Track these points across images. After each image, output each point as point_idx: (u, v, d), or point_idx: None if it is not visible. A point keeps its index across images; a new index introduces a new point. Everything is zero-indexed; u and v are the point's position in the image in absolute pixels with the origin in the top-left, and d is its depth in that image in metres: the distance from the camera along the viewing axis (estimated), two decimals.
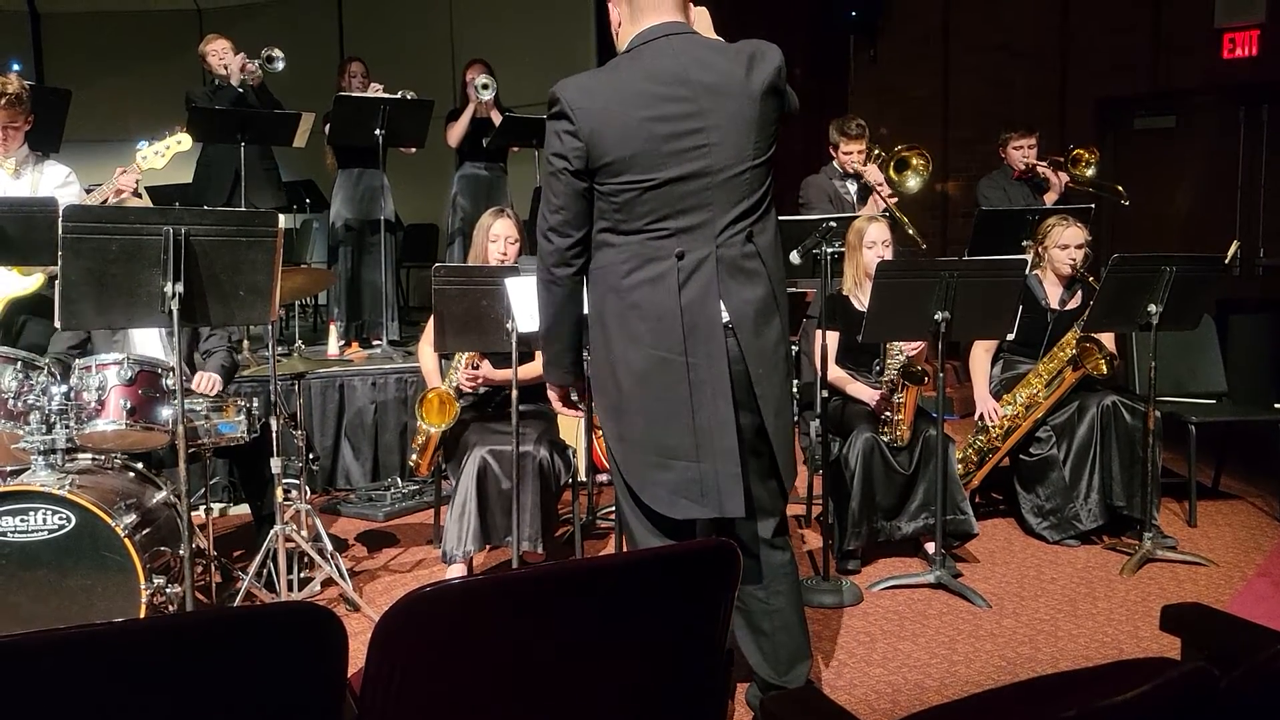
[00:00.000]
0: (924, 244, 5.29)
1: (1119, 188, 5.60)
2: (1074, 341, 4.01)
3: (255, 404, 3.44)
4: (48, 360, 3.29)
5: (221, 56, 5.70)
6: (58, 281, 2.68)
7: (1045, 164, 5.58)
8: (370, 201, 5.97)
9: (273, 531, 3.37)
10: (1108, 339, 4.09)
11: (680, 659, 1.46)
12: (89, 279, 2.66)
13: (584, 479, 4.45)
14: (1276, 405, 4.78)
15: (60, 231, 2.61)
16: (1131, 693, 1.03)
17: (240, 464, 3.89)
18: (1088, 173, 5.56)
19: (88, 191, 4.08)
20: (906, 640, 3.20)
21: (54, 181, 3.97)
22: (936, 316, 3.47)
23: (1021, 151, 5.57)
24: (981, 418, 4.23)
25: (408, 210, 8.14)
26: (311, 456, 4.50)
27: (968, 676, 2.96)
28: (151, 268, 2.69)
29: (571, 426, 4.56)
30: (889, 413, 3.79)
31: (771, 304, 2.32)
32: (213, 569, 3.60)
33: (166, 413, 3.15)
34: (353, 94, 5.73)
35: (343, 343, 5.78)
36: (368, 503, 4.77)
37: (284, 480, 3.47)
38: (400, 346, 5.77)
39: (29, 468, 3.04)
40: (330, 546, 3.60)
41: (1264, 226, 7.11)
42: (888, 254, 3.94)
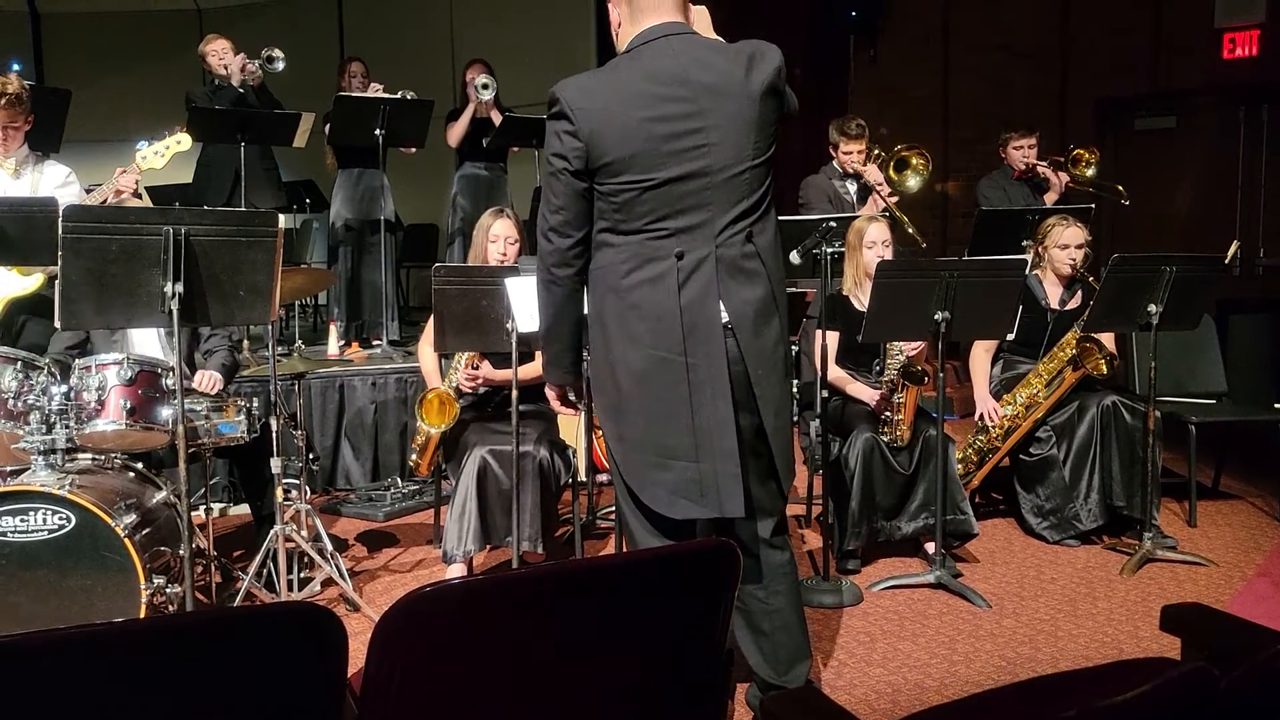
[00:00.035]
0: (924, 243, 5.29)
1: (1119, 188, 5.60)
2: (1074, 341, 4.01)
3: (255, 404, 3.44)
4: (48, 360, 3.29)
5: (221, 57, 5.70)
6: (58, 281, 2.68)
7: (1045, 164, 5.58)
8: (370, 201, 5.98)
9: (273, 531, 3.37)
10: (1108, 339, 4.09)
11: (680, 659, 1.46)
12: (89, 279, 2.66)
13: (584, 479, 4.45)
14: (1276, 405, 4.78)
15: (60, 231, 2.61)
16: (1131, 693, 1.03)
17: (240, 464, 3.89)
18: (1088, 173, 5.56)
19: (88, 191, 4.08)
20: (906, 640, 3.20)
21: (54, 181, 3.97)
22: (936, 316, 3.47)
23: (1022, 151, 5.58)
24: (981, 418, 4.23)
25: (408, 210, 8.14)
26: (311, 456, 4.50)
27: (968, 676, 2.96)
28: (151, 268, 2.69)
29: (571, 426, 4.56)
30: (889, 413, 3.79)
31: (771, 304, 2.32)
32: (213, 569, 3.60)
33: (166, 413, 3.15)
34: (353, 94, 5.73)
35: (343, 343, 5.78)
36: (368, 503, 4.77)
37: (284, 480, 3.47)
38: (400, 346, 5.77)
39: (29, 468, 3.04)
40: (330, 546, 3.60)
41: (1264, 226, 7.11)
42: (888, 254, 3.94)
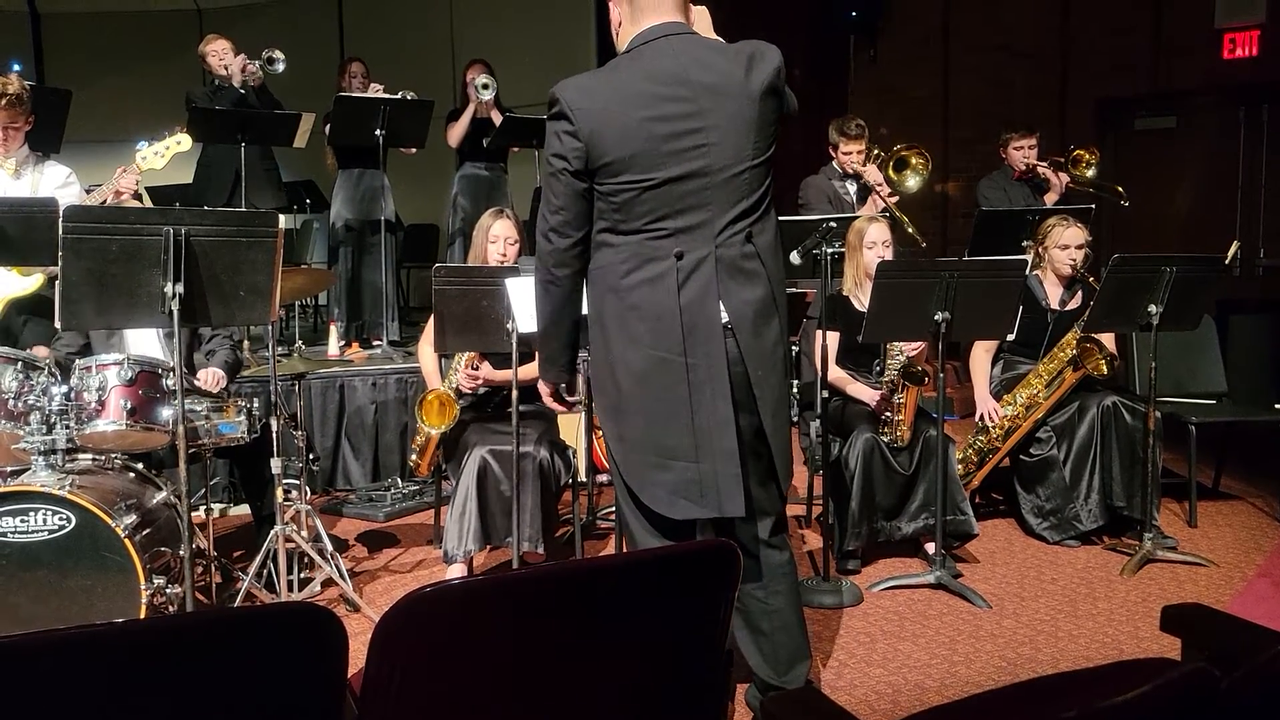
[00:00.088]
0: (924, 243, 5.29)
1: (1119, 188, 5.60)
2: (1074, 342, 4.01)
3: (255, 404, 3.44)
4: (48, 361, 3.29)
5: (221, 57, 5.70)
6: (58, 282, 2.68)
7: (1045, 164, 5.58)
8: (370, 202, 5.98)
9: (273, 532, 3.37)
10: (1108, 339, 4.08)
11: (680, 659, 1.46)
12: (89, 279, 2.66)
13: (584, 479, 4.45)
14: (1277, 405, 4.78)
15: (60, 232, 2.61)
16: (1132, 693, 1.03)
17: (240, 464, 3.89)
18: (1088, 173, 5.56)
19: (88, 192, 4.08)
20: (907, 641, 3.20)
21: (54, 182, 3.97)
22: (937, 317, 3.47)
23: (1022, 152, 5.58)
24: (982, 418, 4.23)
25: (408, 210, 8.14)
26: (312, 457, 4.50)
27: (968, 677, 2.96)
28: (152, 268, 2.69)
29: (572, 427, 4.56)
30: (889, 413, 3.79)
31: (771, 304, 2.32)
32: (213, 569, 3.60)
33: (167, 413, 3.15)
34: (353, 94, 5.73)
35: (343, 343, 5.78)
36: (368, 503, 4.77)
37: (284, 480, 3.47)
38: (400, 347, 5.77)
39: (29, 468, 3.03)
40: (330, 547, 3.60)
41: (1264, 226, 7.11)
42: (888, 254, 3.94)
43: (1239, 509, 4.60)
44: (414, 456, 3.90)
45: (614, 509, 3.26)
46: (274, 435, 3.46)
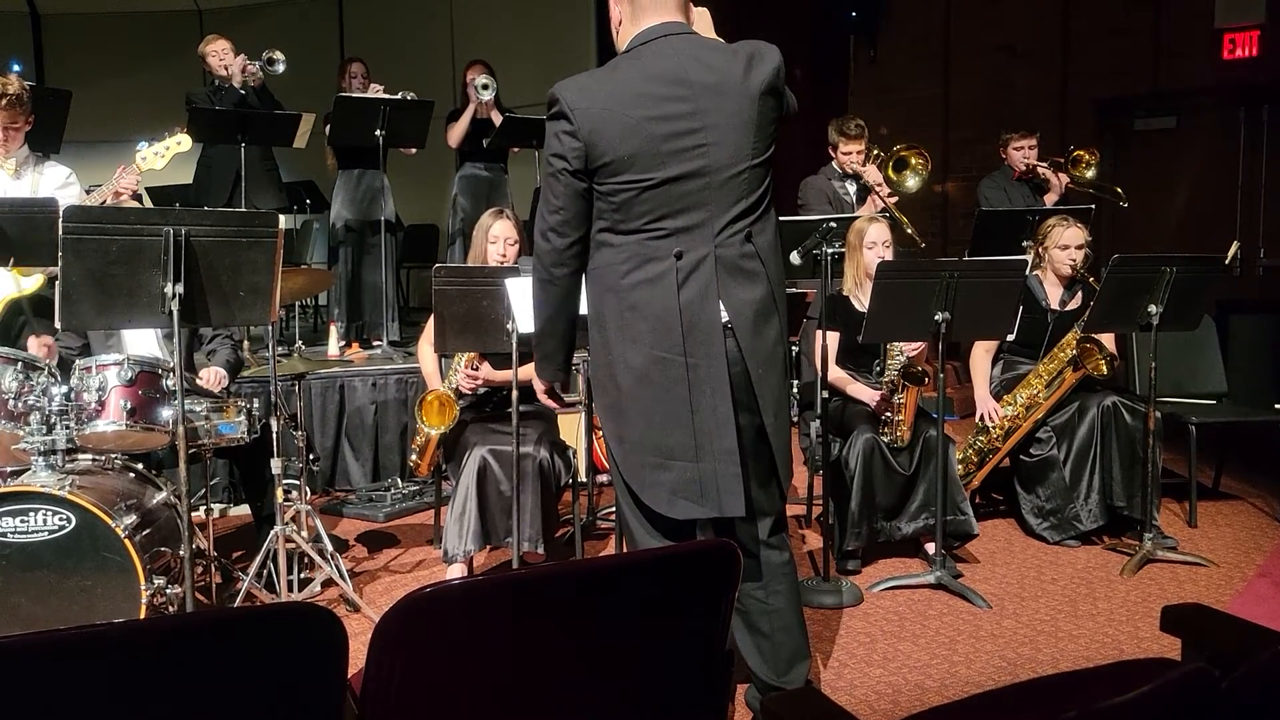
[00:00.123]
0: (922, 243, 5.29)
1: (1117, 189, 5.61)
2: (1074, 342, 4.01)
3: (255, 404, 3.44)
4: (47, 361, 3.29)
5: (222, 57, 5.71)
6: (58, 282, 2.68)
7: (1045, 165, 5.58)
8: (371, 202, 5.98)
9: (273, 532, 3.37)
10: (1108, 339, 4.09)
11: (680, 659, 1.46)
12: (89, 280, 2.66)
13: (584, 479, 4.45)
14: (1277, 405, 4.79)
15: (60, 232, 2.61)
16: (1132, 693, 1.03)
17: (240, 464, 3.89)
18: (1088, 174, 5.57)
19: (88, 192, 4.08)
20: (907, 641, 3.20)
21: (54, 182, 3.97)
22: (937, 317, 3.47)
23: (1022, 152, 5.58)
24: (982, 418, 4.23)
25: (408, 211, 8.14)
26: (312, 457, 4.50)
27: (968, 677, 2.96)
28: (152, 268, 2.69)
29: (572, 427, 4.56)
30: (889, 413, 3.79)
31: (771, 304, 2.32)
32: (213, 569, 3.60)
33: (167, 413, 3.15)
34: (353, 95, 5.73)
35: (343, 343, 5.78)
36: (368, 503, 4.77)
37: (284, 481, 3.47)
38: (400, 347, 5.77)
39: (29, 468, 3.03)
40: (330, 547, 3.60)
41: (1264, 227, 7.11)
42: (888, 254, 3.94)
43: (1239, 509, 4.60)
44: (414, 456, 3.90)
45: (614, 509, 3.26)
46: (274, 435, 3.46)
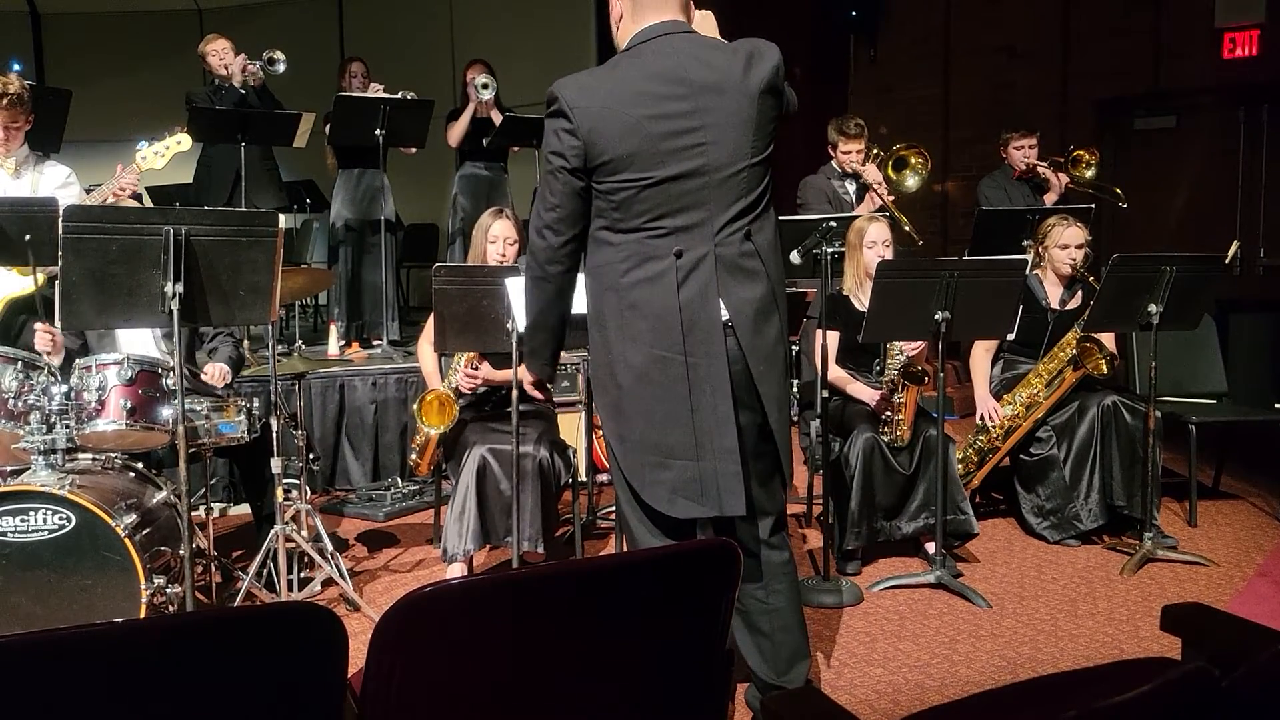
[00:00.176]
0: (920, 241, 5.29)
1: (1117, 190, 5.61)
2: (1074, 341, 4.01)
3: (255, 404, 3.44)
4: (49, 359, 3.29)
5: (222, 57, 5.71)
6: (58, 282, 2.68)
7: (1045, 164, 5.58)
8: (370, 201, 5.98)
9: (273, 531, 3.37)
10: (1108, 339, 4.09)
11: (680, 658, 1.46)
12: (89, 279, 2.66)
13: (584, 479, 4.45)
14: (1277, 405, 4.79)
15: (60, 232, 2.61)
16: (1132, 693, 1.03)
17: (240, 464, 3.89)
18: (1088, 174, 5.57)
19: (87, 192, 4.08)
20: (907, 640, 3.20)
21: (54, 182, 3.97)
22: (937, 316, 3.47)
23: (1022, 152, 5.58)
24: (982, 418, 4.23)
25: (408, 210, 8.14)
26: (312, 456, 4.50)
27: (968, 676, 2.96)
28: (152, 268, 2.69)
29: (572, 427, 4.56)
30: (889, 413, 3.79)
31: (771, 303, 2.32)
32: (213, 569, 3.60)
33: (167, 412, 3.15)
34: (353, 94, 5.73)
35: (343, 343, 5.78)
36: (368, 503, 4.77)
37: (284, 480, 3.47)
38: (400, 346, 5.77)
39: (29, 468, 3.04)
40: (330, 546, 3.60)
41: (1264, 226, 7.11)
42: (888, 254, 3.94)
43: (1239, 508, 4.60)
44: (414, 456, 3.90)
45: (614, 509, 3.26)
46: (274, 435, 3.46)
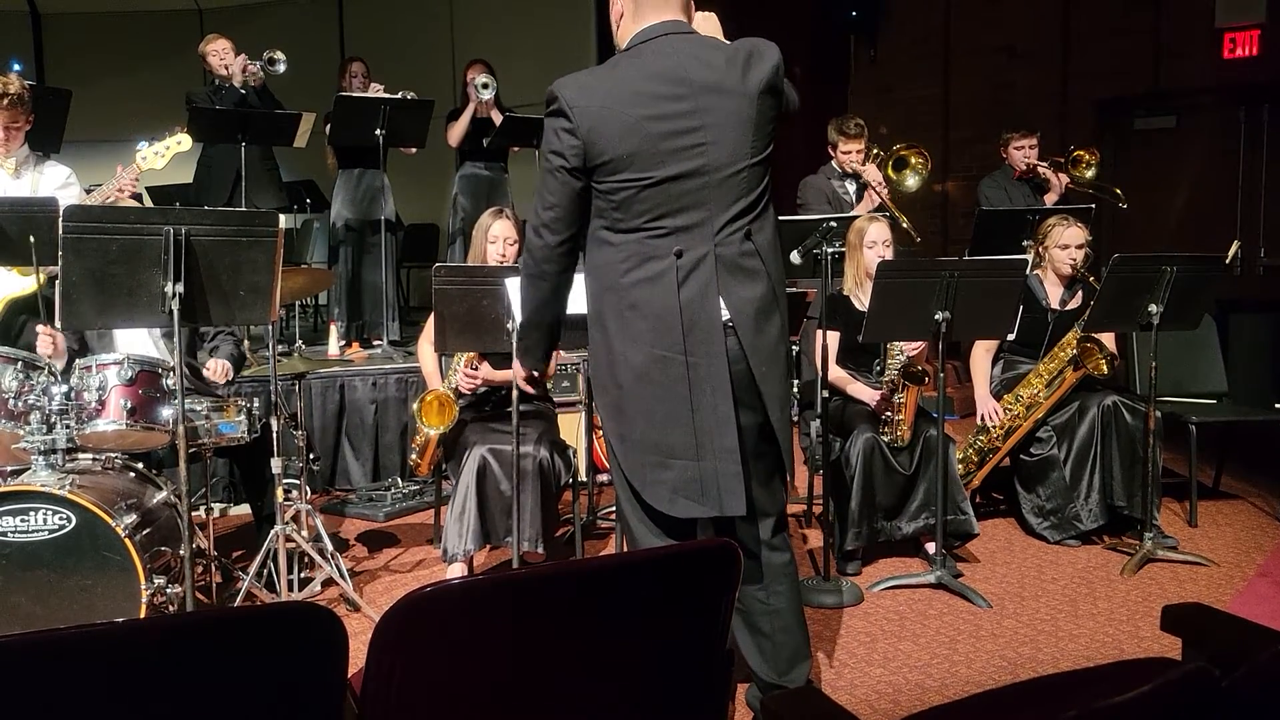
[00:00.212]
0: (919, 239, 5.29)
1: (1117, 190, 5.61)
2: (1074, 341, 4.01)
3: (256, 404, 3.44)
4: (50, 359, 3.29)
5: (222, 57, 5.70)
6: (58, 282, 2.68)
7: (1046, 164, 5.58)
8: (371, 201, 5.98)
9: (273, 531, 3.37)
10: (1108, 339, 4.08)
11: (680, 659, 1.46)
12: (89, 279, 2.66)
13: (584, 479, 4.44)
14: (1277, 405, 4.79)
15: (60, 232, 2.61)
16: (1132, 693, 1.03)
17: (241, 464, 3.89)
18: (1088, 174, 5.57)
19: (88, 192, 4.08)
20: (907, 640, 3.20)
21: (54, 182, 3.96)
22: (937, 316, 3.47)
23: (1023, 152, 5.58)
24: (982, 418, 4.23)
25: (408, 210, 8.14)
26: (312, 456, 4.49)
27: (968, 676, 2.96)
28: (152, 268, 2.69)
29: (572, 426, 4.56)
30: (889, 413, 3.79)
31: (772, 302, 2.32)
32: (213, 569, 3.60)
33: (167, 413, 3.15)
34: (353, 94, 5.73)
35: (343, 343, 5.78)
36: (368, 503, 4.77)
37: (284, 480, 3.47)
38: (400, 346, 5.77)
39: (29, 468, 3.03)
40: (330, 546, 3.59)
41: (1264, 226, 7.11)
42: (888, 254, 3.94)
43: (1239, 509, 4.60)
44: (414, 456, 3.90)
45: (614, 509, 3.26)
46: (274, 435, 3.46)
